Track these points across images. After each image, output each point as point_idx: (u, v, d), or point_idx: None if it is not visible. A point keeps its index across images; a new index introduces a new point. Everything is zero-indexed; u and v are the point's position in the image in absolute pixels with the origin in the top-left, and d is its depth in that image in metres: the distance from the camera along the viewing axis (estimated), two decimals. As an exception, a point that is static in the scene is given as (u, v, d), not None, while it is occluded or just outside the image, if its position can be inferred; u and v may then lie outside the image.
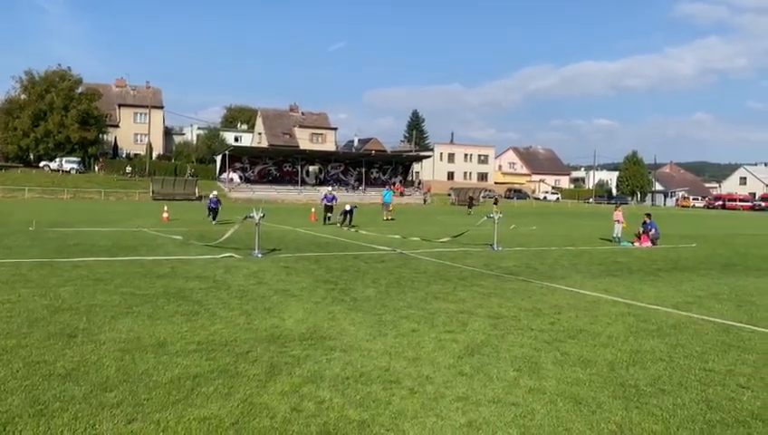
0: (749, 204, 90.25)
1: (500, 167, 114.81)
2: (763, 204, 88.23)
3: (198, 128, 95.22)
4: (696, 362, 6.22)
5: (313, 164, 73.76)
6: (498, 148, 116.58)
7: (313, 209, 32.99)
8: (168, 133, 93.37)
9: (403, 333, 7.05)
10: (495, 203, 50.66)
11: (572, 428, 4.43)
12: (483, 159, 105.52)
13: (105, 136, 75.35)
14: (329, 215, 26.99)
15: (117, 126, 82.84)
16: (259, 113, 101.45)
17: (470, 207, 48.19)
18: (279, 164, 70.77)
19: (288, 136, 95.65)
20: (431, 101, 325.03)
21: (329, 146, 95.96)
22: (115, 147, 78.45)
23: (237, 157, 68.15)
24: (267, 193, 62.15)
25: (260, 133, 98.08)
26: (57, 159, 65.04)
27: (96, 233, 18.87)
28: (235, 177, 67.23)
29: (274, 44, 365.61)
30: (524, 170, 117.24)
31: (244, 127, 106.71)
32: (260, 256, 13.63)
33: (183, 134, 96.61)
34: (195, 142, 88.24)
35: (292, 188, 67.20)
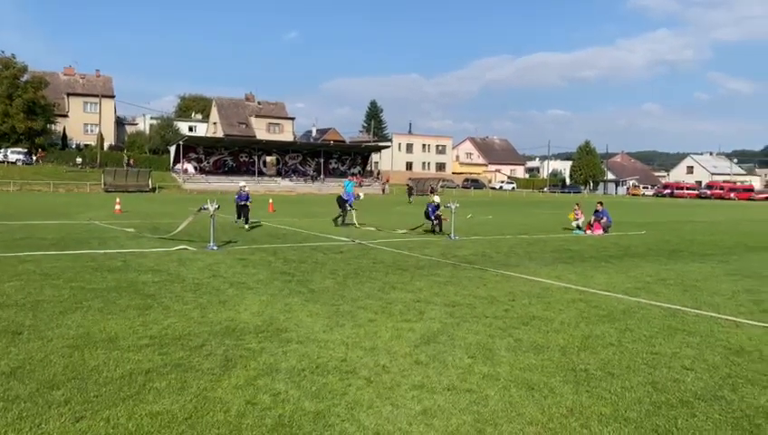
0: (695, 192, 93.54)
1: (457, 157, 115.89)
2: (708, 192, 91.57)
3: (151, 118, 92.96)
4: (643, 345, 6.43)
5: (271, 154, 73.01)
6: (455, 138, 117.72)
7: (271, 200, 32.65)
8: (119, 123, 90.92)
9: (360, 323, 7.07)
10: (432, 192, 51.38)
11: (525, 412, 4.52)
12: (441, 150, 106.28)
13: (53, 126, 72.77)
14: (343, 211, 21.92)
15: (66, 116, 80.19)
16: (214, 103, 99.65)
17: (410, 195, 49.35)
18: (235, 154, 69.75)
19: (244, 126, 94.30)
20: (390, 90, 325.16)
21: (286, 136, 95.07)
22: (64, 137, 75.85)
23: (192, 147, 66.88)
24: (223, 184, 61.23)
25: (215, 123, 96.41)
26: (2, 150, 62.54)
27: (44, 226, 18.25)
28: (190, 167, 66.00)
29: (228, 32, 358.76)
30: (481, 160, 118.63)
31: (199, 117, 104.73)
32: (215, 248, 13.42)
33: (135, 124, 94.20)
34: (148, 132, 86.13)
35: (248, 178, 66.11)
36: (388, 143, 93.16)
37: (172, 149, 66.93)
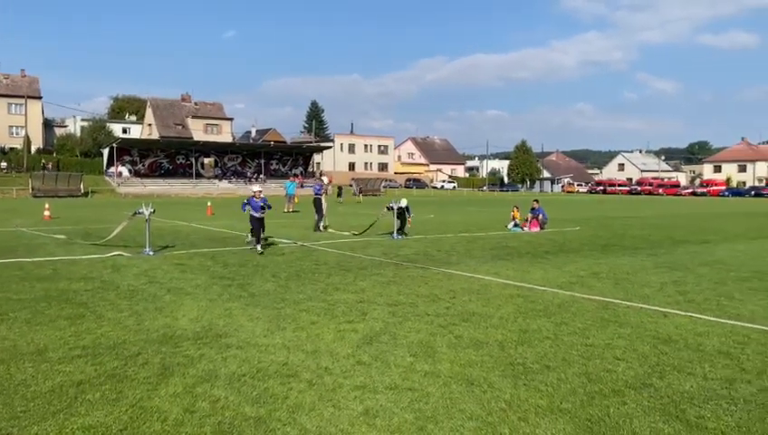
0: (627, 188, 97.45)
1: (399, 157, 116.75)
2: (638, 188, 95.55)
3: (82, 119, 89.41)
4: (578, 338, 6.65)
5: (209, 156, 71.47)
6: (397, 138, 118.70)
7: (209, 203, 31.98)
8: (47, 125, 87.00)
9: (302, 326, 7.02)
10: (360, 193, 51.81)
11: (465, 408, 4.60)
12: (383, 150, 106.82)
13: (-26, 128, 68.94)
14: (320, 216, 20.24)
15: (-12, 117, 76.11)
16: (148, 103, 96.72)
17: (339, 196, 50.07)
18: (171, 156, 67.96)
19: (181, 127, 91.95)
20: (331, 91, 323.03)
21: (225, 137, 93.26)
22: (-14, 140, 71.97)
23: (126, 149, 64.76)
24: (159, 187, 59.60)
25: (150, 124, 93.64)
26: None
27: (-35, 234, 17.26)
28: (124, 170, 63.91)
29: (162, 31, 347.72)
30: (422, 160, 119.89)
31: (133, 118, 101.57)
32: (151, 253, 13.04)
33: (65, 126, 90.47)
34: (79, 135, 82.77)
35: (186, 181, 64.80)
36: (330, 144, 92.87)
37: (105, 151, 64.62)
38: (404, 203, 18.04)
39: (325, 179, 24.43)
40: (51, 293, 8.73)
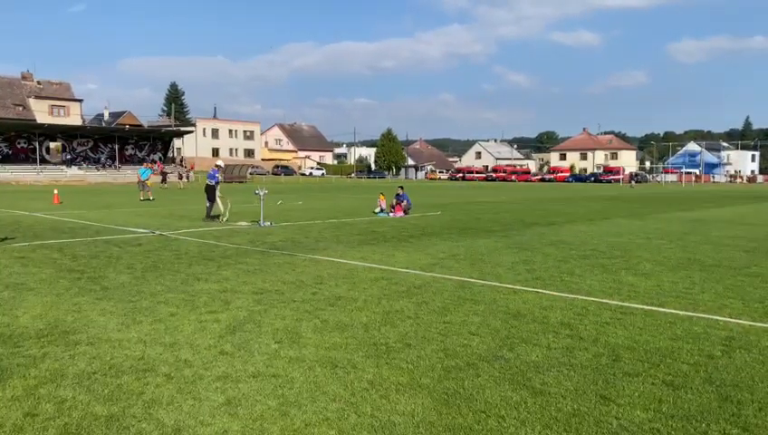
0: (483, 175, 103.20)
1: (266, 143, 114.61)
2: (494, 175, 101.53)
3: None
4: (437, 316, 6.96)
5: (55, 140, 65.70)
6: (265, 124, 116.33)
7: (56, 191, 29.41)
8: None
9: (160, 318, 6.70)
10: (164, 181, 48.07)
11: (329, 390, 4.66)
12: (249, 135, 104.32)
13: None
14: (211, 204, 19.03)
15: None
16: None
17: (164, 181, 47.45)
18: (11, 140, 61.71)
19: (21, 108, 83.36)
20: (194, 73, 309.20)
21: (74, 120, 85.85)
22: None
23: (-46, 132, 57.74)
24: (-3, 174, 53.87)
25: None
26: None
27: None
28: (-48, 155, 56.98)
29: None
30: (290, 147, 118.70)
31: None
32: (-14, 246, 11.78)
33: None
34: None
35: (29, 167, 59.19)
36: (192, 128, 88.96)
37: (-74, 133, 57.18)
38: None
39: (221, 164, 22.77)
40: None
